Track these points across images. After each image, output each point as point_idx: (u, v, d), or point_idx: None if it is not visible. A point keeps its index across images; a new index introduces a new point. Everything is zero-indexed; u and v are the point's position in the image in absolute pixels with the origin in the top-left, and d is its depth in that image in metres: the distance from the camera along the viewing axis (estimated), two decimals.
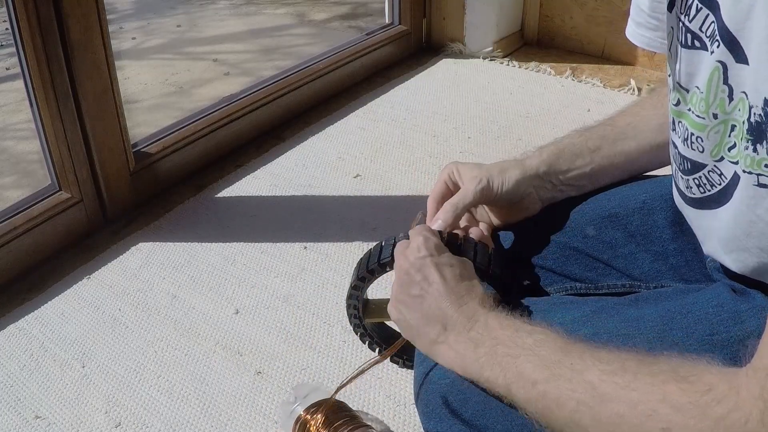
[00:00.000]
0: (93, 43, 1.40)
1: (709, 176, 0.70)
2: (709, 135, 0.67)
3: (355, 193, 1.66)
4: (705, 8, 0.64)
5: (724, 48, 0.62)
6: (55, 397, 1.13)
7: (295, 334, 1.25)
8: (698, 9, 0.65)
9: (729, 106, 0.63)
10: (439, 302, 0.63)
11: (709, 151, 0.68)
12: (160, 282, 1.38)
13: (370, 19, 3.44)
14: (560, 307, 0.73)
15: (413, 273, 0.66)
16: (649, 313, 0.69)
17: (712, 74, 0.64)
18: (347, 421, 0.89)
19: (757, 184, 0.62)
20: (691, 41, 0.67)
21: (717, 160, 0.67)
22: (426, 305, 0.64)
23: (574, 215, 0.88)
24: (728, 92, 0.63)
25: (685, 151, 0.71)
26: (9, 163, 2.34)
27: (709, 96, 0.65)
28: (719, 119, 0.65)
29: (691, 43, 0.67)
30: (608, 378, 0.53)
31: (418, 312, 0.65)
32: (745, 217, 0.65)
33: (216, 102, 1.86)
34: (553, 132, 1.87)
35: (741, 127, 0.62)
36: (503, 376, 0.58)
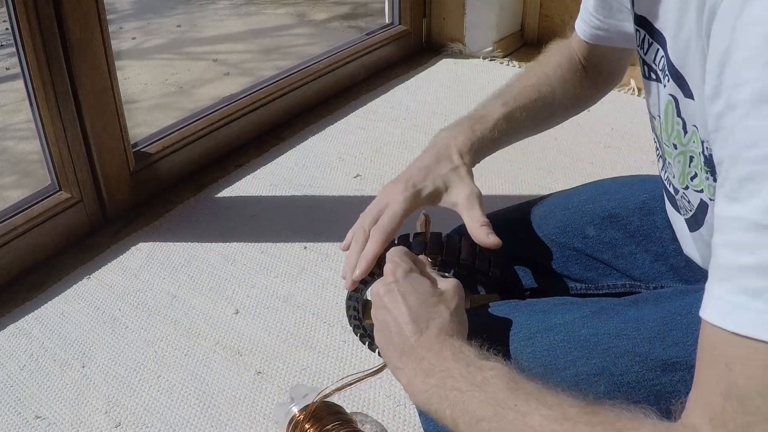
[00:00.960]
0: (93, 43, 1.40)
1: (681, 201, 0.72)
2: (674, 163, 0.69)
3: (355, 193, 1.66)
4: (655, 43, 0.65)
5: (672, 83, 0.63)
6: (55, 397, 1.13)
7: (295, 334, 1.25)
8: (650, 43, 0.67)
9: (685, 138, 0.65)
10: (399, 329, 0.64)
11: (678, 178, 0.70)
12: (160, 282, 1.38)
13: (370, 19, 3.44)
14: (560, 308, 0.73)
15: (381, 298, 0.67)
16: (649, 313, 0.69)
17: (667, 106, 0.66)
18: (340, 423, 0.89)
19: None
20: (648, 73, 0.69)
21: (684, 188, 0.69)
22: (388, 331, 0.65)
23: (574, 215, 0.88)
24: (682, 125, 0.64)
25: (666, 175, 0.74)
26: (9, 163, 2.34)
27: (667, 127, 0.67)
28: (679, 150, 0.67)
29: (648, 75, 0.69)
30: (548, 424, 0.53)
31: (384, 337, 0.66)
32: None
33: (216, 102, 1.86)
34: (553, 131, 1.87)
35: (698, 158, 0.64)
36: (450, 410, 0.58)
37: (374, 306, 0.68)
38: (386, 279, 0.68)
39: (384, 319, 0.66)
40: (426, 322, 0.64)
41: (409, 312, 0.64)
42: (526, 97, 0.88)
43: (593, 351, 0.67)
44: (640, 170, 1.40)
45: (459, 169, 0.80)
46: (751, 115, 0.45)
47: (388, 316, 0.65)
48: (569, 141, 1.84)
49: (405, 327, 0.64)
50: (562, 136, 1.86)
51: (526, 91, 0.89)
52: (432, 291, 0.67)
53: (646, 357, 0.65)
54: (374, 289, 0.68)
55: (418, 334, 0.63)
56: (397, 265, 0.68)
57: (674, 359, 0.65)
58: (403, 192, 0.78)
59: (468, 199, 0.78)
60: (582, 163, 1.75)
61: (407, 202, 0.77)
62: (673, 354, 0.65)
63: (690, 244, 0.76)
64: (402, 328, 0.64)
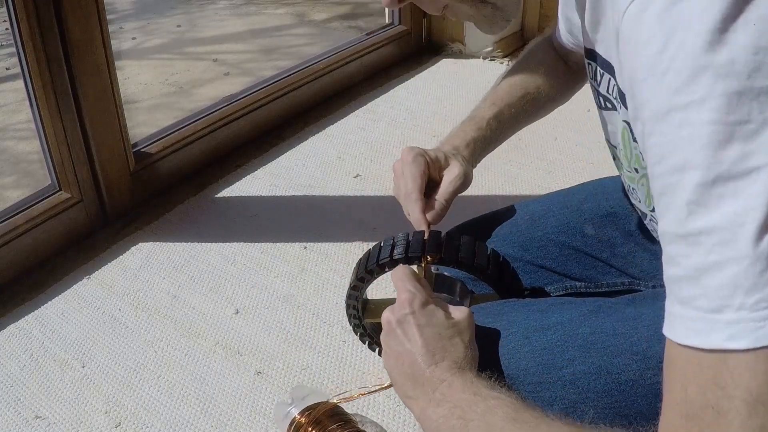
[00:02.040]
0: (93, 43, 1.40)
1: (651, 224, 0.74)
2: (638, 187, 0.70)
3: (355, 193, 1.66)
4: (606, 73, 0.67)
5: (624, 108, 0.64)
6: (55, 397, 1.13)
7: (295, 334, 1.25)
8: (601, 74, 0.69)
9: (643, 162, 0.65)
10: (413, 360, 0.65)
11: (644, 202, 0.71)
12: (160, 282, 1.38)
13: (370, 19, 3.44)
14: (558, 307, 0.73)
15: (395, 327, 0.67)
16: (646, 312, 0.69)
17: (623, 133, 0.68)
18: (341, 425, 0.89)
19: None
20: (604, 103, 0.71)
21: (651, 210, 0.71)
22: (401, 361, 0.66)
23: (573, 214, 0.89)
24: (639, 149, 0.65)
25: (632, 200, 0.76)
26: (9, 163, 2.34)
27: (627, 152, 0.69)
28: (640, 173, 0.68)
29: (604, 105, 0.71)
30: None
31: (396, 366, 0.67)
32: None
33: (216, 102, 1.86)
34: (553, 132, 1.88)
35: None
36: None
37: (386, 332, 0.68)
38: (402, 309, 0.67)
39: (398, 349, 0.66)
40: (441, 354, 0.64)
41: (424, 344, 0.65)
42: (513, 96, 0.94)
43: (591, 349, 0.67)
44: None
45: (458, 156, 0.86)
46: (653, 133, 0.47)
47: (401, 348, 0.66)
48: (569, 141, 1.84)
49: (420, 359, 0.64)
50: (562, 136, 1.86)
51: (513, 90, 0.95)
52: (447, 323, 0.67)
53: (644, 355, 0.65)
54: (387, 317, 0.68)
55: (433, 366, 0.63)
56: (413, 296, 0.68)
57: None
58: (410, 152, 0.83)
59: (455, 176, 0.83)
60: (582, 163, 1.75)
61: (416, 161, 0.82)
62: None
63: None
64: (416, 360, 0.64)
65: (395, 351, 0.66)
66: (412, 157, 0.82)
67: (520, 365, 0.67)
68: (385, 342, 0.68)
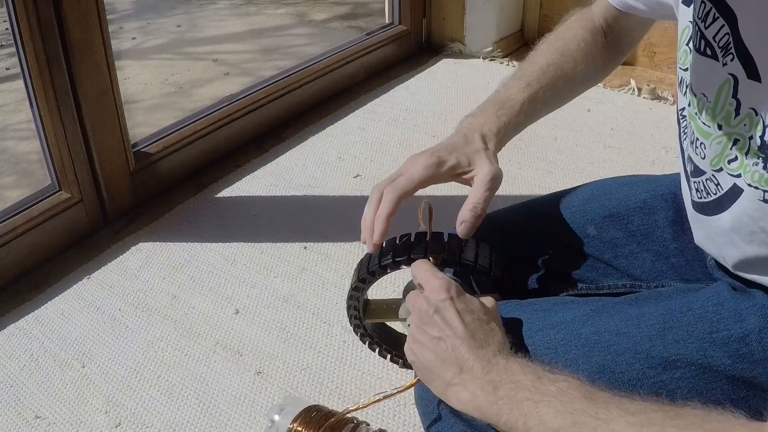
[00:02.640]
0: (93, 43, 1.40)
1: (707, 184, 0.70)
2: (712, 144, 0.67)
3: (355, 193, 1.66)
4: (721, 18, 0.63)
5: (737, 62, 0.61)
6: (55, 397, 1.13)
7: (295, 334, 1.25)
8: (714, 18, 0.64)
9: (734, 120, 0.63)
10: (456, 345, 0.63)
11: (710, 160, 0.68)
12: (160, 282, 1.38)
13: (370, 19, 3.44)
14: (561, 307, 0.73)
15: (433, 314, 0.65)
16: (649, 312, 0.69)
17: (722, 86, 0.64)
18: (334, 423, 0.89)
19: (762, 199, 0.62)
20: (704, 48, 0.66)
21: (716, 170, 0.68)
22: (443, 347, 0.64)
23: (575, 215, 0.88)
24: (736, 106, 0.63)
25: (691, 154, 0.71)
26: (9, 163, 2.34)
27: (716, 107, 0.65)
28: (723, 131, 0.65)
29: (703, 50, 0.66)
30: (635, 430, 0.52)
31: (435, 353, 0.65)
32: (746, 228, 0.66)
33: (216, 102, 1.86)
34: (553, 132, 1.88)
35: (745, 142, 0.62)
36: (523, 420, 0.57)
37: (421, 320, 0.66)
38: (438, 294, 0.66)
39: (438, 335, 0.65)
40: (486, 339, 0.63)
41: (466, 329, 0.64)
42: (549, 77, 0.89)
43: (594, 349, 0.67)
44: (640, 170, 1.40)
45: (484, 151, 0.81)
46: None
47: (442, 333, 0.64)
48: (569, 141, 1.84)
49: (464, 343, 0.63)
50: (562, 136, 1.86)
51: (550, 70, 0.89)
52: (483, 309, 0.66)
53: (646, 355, 0.65)
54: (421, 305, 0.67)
55: (481, 350, 0.62)
56: (449, 282, 0.67)
57: (675, 357, 0.65)
58: (426, 160, 0.79)
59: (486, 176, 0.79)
60: (582, 163, 1.75)
61: (428, 170, 0.78)
62: (673, 352, 0.65)
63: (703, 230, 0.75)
64: (460, 345, 0.63)
65: (434, 338, 0.65)
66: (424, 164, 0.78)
67: None
68: (420, 330, 0.66)
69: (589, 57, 0.92)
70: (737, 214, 0.66)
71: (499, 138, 0.83)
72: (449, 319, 0.65)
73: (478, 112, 0.86)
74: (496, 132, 0.83)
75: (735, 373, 0.64)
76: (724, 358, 0.64)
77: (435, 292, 0.67)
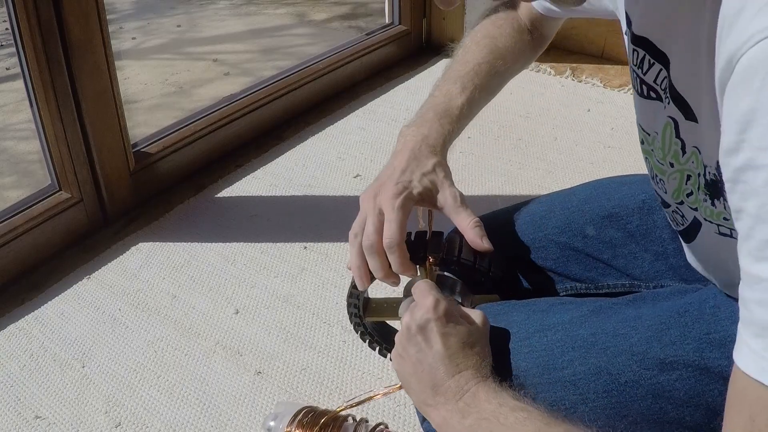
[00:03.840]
0: (93, 43, 1.40)
1: (673, 215, 0.72)
2: (669, 180, 0.69)
3: (355, 193, 1.65)
4: (657, 63, 0.65)
5: (673, 105, 0.63)
6: (55, 397, 1.13)
7: (295, 334, 1.25)
8: (651, 63, 0.66)
9: (683, 158, 0.65)
10: (434, 367, 0.64)
11: (671, 194, 0.70)
12: (160, 282, 1.38)
13: (370, 19, 3.44)
14: (559, 308, 0.73)
15: (416, 332, 0.66)
16: (646, 313, 0.69)
17: (665, 127, 0.66)
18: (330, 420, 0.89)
19: (718, 233, 0.64)
20: (647, 92, 0.68)
21: (678, 203, 0.69)
22: (421, 367, 0.65)
23: (574, 215, 0.88)
24: (681, 145, 0.64)
25: (654, 187, 0.74)
26: (9, 163, 2.34)
27: (664, 146, 0.67)
28: (675, 168, 0.67)
29: (647, 94, 0.68)
30: None
31: (413, 371, 0.66)
32: (711, 259, 0.69)
33: (216, 102, 1.86)
34: (553, 132, 1.88)
35: (696, 179, 0.64)
36: None
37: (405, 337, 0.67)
38: (425, 313, 0.66)
39: (417, 356, 0.65)
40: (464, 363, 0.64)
41: (446, 353, 0.64)
42: (482, 76, 0.89)
43: (591, 350, 0.67)
44: (640, 170, 1.40)
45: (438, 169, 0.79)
46: None
47: (421, 354, 0.65)
48: (569, 141, 1.84)
49: (441, 367, 0.63)
50: (562, 136, 1.86)
51: (483, 69, 0.89)
52: (468, 331, 0.66)
53: (643, 356, 0.65)
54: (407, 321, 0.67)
55: (457, 376, 0.63)
56: (437, 302, 0.67)
57: (672, 358, 0.65)
58: (397, 196, 0.76)
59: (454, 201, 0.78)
60: (582, 163, 1.75)
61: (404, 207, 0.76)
62: (670, 353, 0.65)
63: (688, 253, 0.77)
64: (437, 368, 0.63)
65: (414, 357, 0.65)
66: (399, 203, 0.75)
67: (520, 366, 0.67)
68: (402, 346, 0.67)
69: (517, 53, 0.93)
70: (701, 246, 0.69)
71: (446, 146, 0.83)
72: (430, 341, 0.65)
73: (419, 122, 0.84)
74: (442, 143, 0.82)
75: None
76: (720, 359, 0.64)
77: (422, 309, 0.67)
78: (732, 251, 0.49)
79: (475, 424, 0.60)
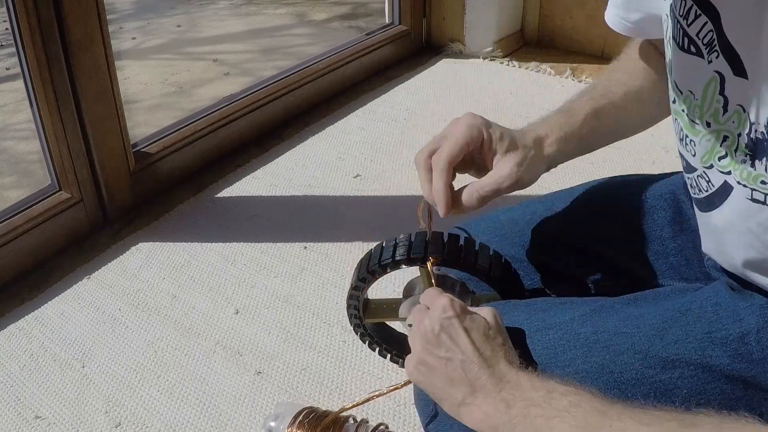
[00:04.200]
0: (93, 43, 1.40)
1: (698, 181, 0.70)
2: (701, 141, 0.66)
3: (355, 193, 1.66)
4: (704, 15, 0.62)
5: (723, 59, 0.61)
6: (55, 397, 1.13)
7: (295, 334, 1.25)
8: (696, 15, 0.63)
9: (722, 117, 0.63)
10: (466, 364, 0.63)
11: (700, 157, 0.68)
12: (160, 282, 1.38)
13: (370, 19, 3.44)
14: (560, 307, 0.73)
15: (439, 332, 0.65)
16: (648, 311, 0.69)
17: (708, 84, 0.63)
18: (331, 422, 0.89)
19: (750, 198, 0.62)
20: (687, 45, 0.65)
21: (706, 167, 0.67)
22: (453, 366, 0.63)
23: (574, 215, 0.89)
24: (723, 103, 0.62)
25: (681, 150, 0.71)
26: (9, 163, 2.34)
27: (703, 104, 0.64)
28: (711, 128, 0.64)
29: (687, 48, 0.65)
30: None
31: (444, 373, 0.64)
32: (735, 228, 0.66)
33: (216, 102, 1.86)
34: None
35: (734, 139, 0.62)
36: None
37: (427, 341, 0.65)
38: (443, 313, 0.65)
39: (446, 356, 0.64)
40: (494, 355, 0.63)
41: (474, 347, 0.63)
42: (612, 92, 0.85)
43: (592, 349, 0.67)
44: (640, 170, 1.40)
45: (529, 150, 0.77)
46: None
47: (451, 353, 0.63)
48: None
49: (474, 362, 0.62)
50: None
51: (614, 86, 0.86)
52: (488, 324, 0.66)
53: (645, 354, 0.65)
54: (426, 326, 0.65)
55: (491, 368, 0.62)
56: (452, 300, 0.66)
57: (673, 356, 0.65)
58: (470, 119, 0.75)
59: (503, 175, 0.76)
60: (582, 163, 1.74)
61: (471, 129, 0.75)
62: (672, 351, 0.65)
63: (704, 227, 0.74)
64: (469, 363, 0.62)
65: (443, 358, 0.64)
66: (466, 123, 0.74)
67: None
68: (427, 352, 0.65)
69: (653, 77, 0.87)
70: (727, 213, 0.66)
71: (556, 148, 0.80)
72: (456, 339, 0.64)
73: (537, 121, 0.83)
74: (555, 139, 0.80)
75: (733, 372, 0.64)
76: (722, 358, 0.64)
77: (440, 311, 0.66)
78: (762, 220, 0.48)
79: (524, 413, 0.58)
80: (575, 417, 0.56)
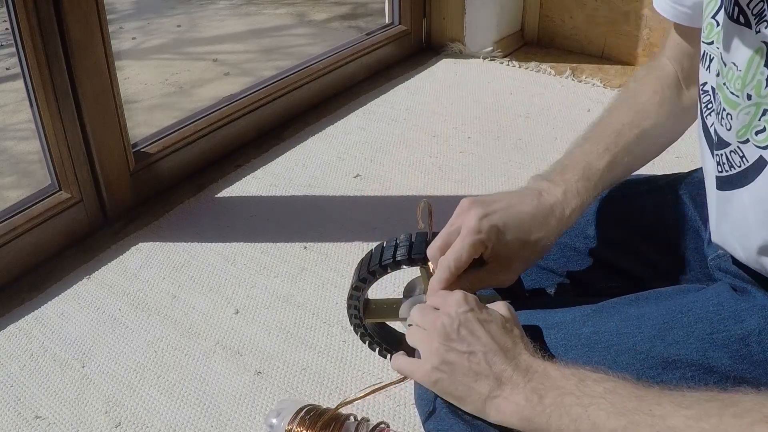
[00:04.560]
0: (93, 43, 1.40)
1: (731, 156, 0.68)
2: (739, 115, 0.65)
3: (355, 193, 1.66)
4: None
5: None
6: (55, 397, 1.13)
7: (295, 334, 1.25)
8: None
9: (765, 90, 0.62)
10: (489, 356, 0.61)
11: (736, 131, 0.66)
12: (160, 282, 1.38)
13: (370, 19, 3.44)
14: (560, 307, 0.73)
15: (458, 328, 0.63)
16: (649, 312, 0.69)
17: (753, 55, 0.62)
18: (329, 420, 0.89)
19: None
20: (737, 15, 0.63)
21: (741, 142, 0.66)
22: (476, 359, 0.62)
23: None
24: (767, 75, 0.61)
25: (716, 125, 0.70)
26: (9, 163, 2.34)
27: (746, 76, 0.63)
28: (752, 101, 0.63)
29: (736, 17, 0.64)
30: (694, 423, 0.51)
31: (468, 368, 0.62)
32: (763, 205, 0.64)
33: (216, 102, 1.86)
34: (553, 132, 1.88)
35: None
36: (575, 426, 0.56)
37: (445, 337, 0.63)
38: (459, 307, 0.64)
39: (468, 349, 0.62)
40: (515, 346, 0.62)
41: (494, 340, 0.62)
42: (627, 137, 0.83)
43: (593, 349, 0.67)
44: (640, 170, 1.40)
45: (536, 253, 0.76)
46: None
47: (473, 347, 0.62)
48: (569, 141, 1.84)
49: (497, 354, 0.61)
50: (562, 136, 1.86)
51: (626, 130, 0.84)
52: (503, 317, 0.65)
53: (647, 355, 0.65)
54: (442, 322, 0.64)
55: (515, 360, 0.61)
56: (466, 294, 0.65)
57: (675, 357, 0.65)
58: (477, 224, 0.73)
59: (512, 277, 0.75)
60: None
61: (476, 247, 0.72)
62: (673, 352, 0.65)
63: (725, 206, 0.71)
64: (493, 356, 0.61)
65: (465, 352, 0.62)
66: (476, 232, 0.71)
67: None
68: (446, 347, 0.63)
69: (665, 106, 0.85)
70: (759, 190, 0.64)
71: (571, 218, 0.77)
72: (475, 333, 0.63)
73: (556, 179, 0.79)
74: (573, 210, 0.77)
75: (735, 373, 0.64)
76: (724, 359, 0.64)
77: (455, 306, 0.65)
78: None
79: (558, 402, 0.57)
80: (613, 404, 0.55)
